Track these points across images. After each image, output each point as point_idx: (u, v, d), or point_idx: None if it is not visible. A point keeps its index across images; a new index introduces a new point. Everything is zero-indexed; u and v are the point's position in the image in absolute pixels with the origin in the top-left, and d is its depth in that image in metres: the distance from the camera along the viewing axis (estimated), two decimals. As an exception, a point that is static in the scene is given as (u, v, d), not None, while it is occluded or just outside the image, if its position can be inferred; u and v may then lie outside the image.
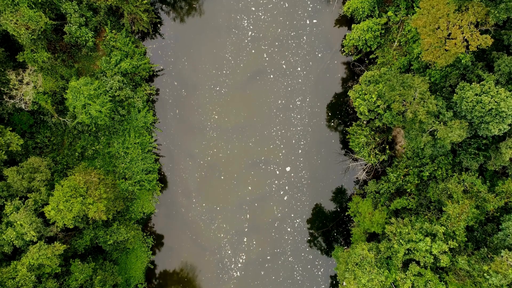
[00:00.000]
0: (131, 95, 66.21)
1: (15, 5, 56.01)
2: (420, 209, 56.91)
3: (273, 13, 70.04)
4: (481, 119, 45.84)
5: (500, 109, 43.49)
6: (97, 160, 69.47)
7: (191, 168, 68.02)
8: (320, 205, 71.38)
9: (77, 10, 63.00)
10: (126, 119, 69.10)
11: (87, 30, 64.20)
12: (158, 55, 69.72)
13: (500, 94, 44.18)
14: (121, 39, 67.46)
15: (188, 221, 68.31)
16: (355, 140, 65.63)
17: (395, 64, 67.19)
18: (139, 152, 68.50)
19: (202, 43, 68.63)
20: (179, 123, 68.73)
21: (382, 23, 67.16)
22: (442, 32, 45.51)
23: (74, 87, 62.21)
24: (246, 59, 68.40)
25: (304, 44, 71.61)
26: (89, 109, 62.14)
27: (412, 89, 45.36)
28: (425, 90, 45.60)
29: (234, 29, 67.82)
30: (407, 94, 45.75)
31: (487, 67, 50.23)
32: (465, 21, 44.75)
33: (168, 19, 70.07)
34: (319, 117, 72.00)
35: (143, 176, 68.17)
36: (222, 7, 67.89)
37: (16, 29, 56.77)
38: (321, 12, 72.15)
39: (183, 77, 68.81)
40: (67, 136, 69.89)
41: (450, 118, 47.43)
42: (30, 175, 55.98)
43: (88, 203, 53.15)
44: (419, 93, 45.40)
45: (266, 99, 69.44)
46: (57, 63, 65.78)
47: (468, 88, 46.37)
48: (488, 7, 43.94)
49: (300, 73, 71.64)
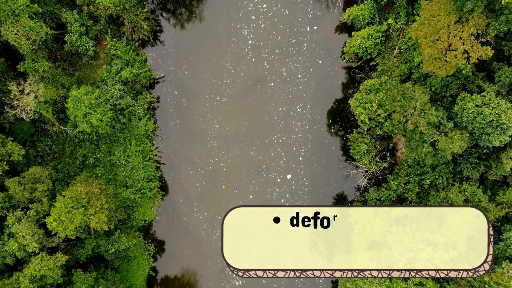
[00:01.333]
0: (132, 104, 66.29)
1: (15, 16, 56.08)
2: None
3: (274, 21, 70.03)
4: (482, 130, 45.88)
5: (501, 121, 43.53)
6: (98, 168, 69.57)
7: (192, 177, 68.12)
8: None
9: (77, 19, 63.06)
10: (127, 127, 69.19)
11: (87, 40, 64.25)
12: (159, 63, 69.79)
13: (501, 105, 44.20)
14: (122, 47, 67.51)
15: (189, 229, 68.45)
16: (356, 147, 65.68)
17: (395, 71, 67.19)
18: (140, 160, 68.59)
19: (202, 52, 68.67)
20: (180, 132, 68.83)
21: (383, 30, 67.10)
22: (442, 43, 45.52)
23: (75, 96, 62.30)
24: (247, 67, 68.43)
25: (304, 50, 71.60)
26: (90, 118, 62.21)
27: (413, 101, 45.40)
28: (426, 102, 45.64)
29: (234, 38, 67.84)
30: (408, 105, 45.80)
31: (487, 77, 50.24)
32: (465, 33, 44.76)
33: (168, 27, 70.09)
34: (319, 123, 72.03)
35: (144, 184, 68.27)
36: (222, 16, 67.92)
37: (17, 39, 56.84)
38: (322, 19, 72.13)
39: (183, 86, 68.87)
40: (68, 144, 70.00)
41: (451, 129, 47.46)
42: (31, 185, 56.10)
43: (89, 214, 53.26)
44: (420, 104, 45.44)
45: (266, 107, 69.49)
46: (58, 71, 65.84)
47: (469, 99, 46.40)
48: (489, 19, 43.93)
49: (301, 80, 71.65)
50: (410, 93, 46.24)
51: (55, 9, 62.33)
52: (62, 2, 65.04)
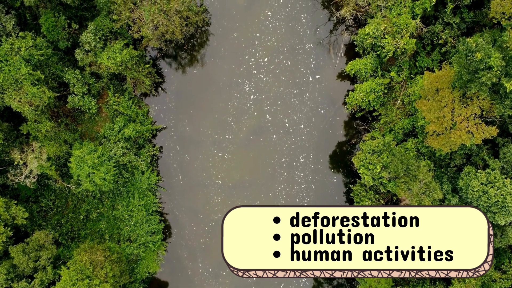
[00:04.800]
0: (135, 159, 66.27)
1: (18, 83, 56.06)
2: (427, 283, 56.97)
3: (276, 73, 69.96)
4: (487, 208, 45.82)
5: (507, 203, 43.48)
6: (102, 222, 69.61)
7: (195, 233, 68.17)
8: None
9: (80, 79, 63.05)
10: (130, 180, 69.19)
11: (90, 99, 64.25)
12: (160, 117, 69.83)
13: (506, 186, 44.13)
14: (124, 102, 67.50)
15: (194, 284, 68.46)
16: (360, 202, 65.62)
17: (398, 124, 67.19)
18: (144, 214, 68.60)
19: (204, 106, 68.67)
20: (183, 188, 68.91)
21: (385, 83, 67.08)
22: (446, 122, 45.47)
23: (78, 156, 62.33)
24: (249, 121, 68.42)
25: (307, 100, 71.57)
26: (94, 177, 62.23)
27: (417, 180, 45.40)
28: (430, 181, 45.63)
29: (236, 93, 67.83)
30: (412, 184, 45.82)
31: (492, 148, 50.17)
32: (470, 112, 44.71)
33: (169, 80, 70.12)
34: (322, 173, 72.00)
35: (148, 238, 68.29)
36: (224, 72, 67.89)
37: (20, 106, 56.85)
38: (324, 68, 72.12)
39: (185, 141, 68.92)
40: (71, 198, 70.02)
41: (455, 205, 47.42)
42: (36, 253, 56.09)
43: (94, 285, 53.24)
44: (424, 184, 45.46)
45: (270, 160, 69.46)
46: (61, 128, 65.87)
47: (474, 176, 46.33)
48: (493, 100, 43.89)
49: (304, 130, 71.61)
50: (414, 171, 46.22)
51: (57, 70, 62.33)
52: (64, 59, 65.12)
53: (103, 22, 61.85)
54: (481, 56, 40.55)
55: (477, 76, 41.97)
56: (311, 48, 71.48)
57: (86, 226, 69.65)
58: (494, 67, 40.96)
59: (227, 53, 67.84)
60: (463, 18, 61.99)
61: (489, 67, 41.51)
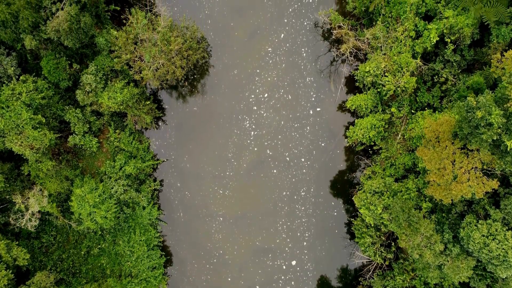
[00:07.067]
0: (136, 196, 66.34)
1: (19, 128, 56.16)
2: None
3: (276, 107, 69.99)
4: (488, 260, 45.79)
5: (508, 258, 43.45)
6: (103, 258, 69.70)
7: (197, 271, 68.19)
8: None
9: (80, 118, 63.15)
10: (131, 216, 69.25)
11: (91, 138, 64.35)
12: (161, 153, 69.89)
13: (508, 240, 44.08)
14: (125, 138, 67.58)
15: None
16: (361, 239, 65.60)
17: (399, 159, 67.15)
18: (145, 249, 68.65)
19: (204, 143, 68.74)
20: (185, 225, 68.94)
21: (386, 119, 67.06)
22: (447, 175, 45.46)
23: (78, 195, 62.43)
24: (249, 157, 68.46)
25: (308, 133, 71.56)
26: (95, 216, 62.34)
27: (419, 234, 45.41)
28: (432, 234, 45.63)
29: (236, 130, 67.87)
30: (413, 237, 45.83)
31: (493, 198, 50.15)
32: (471, 165, 44.71)
33: (170, 117, 70.15)
34: (322, 206, 71.97)
35: (149, 273, 68.35)
36: (224, 108, 67.94)
37: (21, 149, 56.93)
38: (325, 101, 72.12)
39: (186, 177, 68.97)
40: (72, 234, 70.08)
41: (457, 254, 47.41)
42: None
43: (96, 331, 53.30)
44: (425, 237, 45.47)
45: (271, 195, 69.48)
46: (62, 165, 65.93)
47: (475, 227, 46.29)
48: (494, 155, 43.88)
49: (304, 163, 71.60)
50: (415, 224, 46.22)
51: (58, 109, 62.41)
52: (64, 97, 65.19)
53: (104, 61, 62.00)
54: (482, 114, 40.60)
55: (478, 132, 42.00)
56: (311, 82, 71.50)
57: (88, 261, 69.76)
58: (494, 124, 41.00)
59: (227, 90, 67.93)
60: (463, 55, 62.02)
61: (489, 123, 41.55)
